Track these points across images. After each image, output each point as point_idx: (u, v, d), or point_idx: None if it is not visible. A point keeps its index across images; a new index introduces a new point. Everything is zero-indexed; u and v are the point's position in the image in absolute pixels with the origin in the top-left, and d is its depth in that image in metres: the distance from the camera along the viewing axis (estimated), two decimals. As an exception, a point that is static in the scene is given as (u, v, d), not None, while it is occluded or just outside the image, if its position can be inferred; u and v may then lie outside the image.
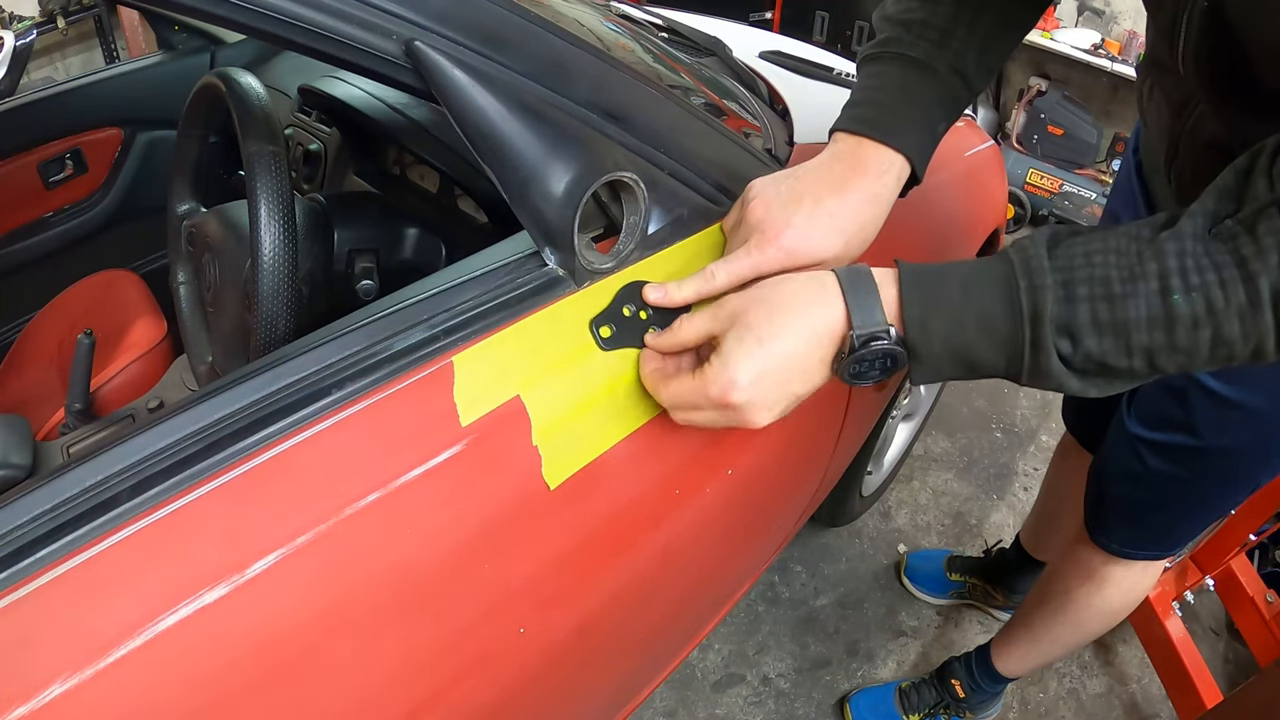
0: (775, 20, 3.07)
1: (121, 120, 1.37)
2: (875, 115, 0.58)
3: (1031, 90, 2.77)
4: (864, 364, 0.47)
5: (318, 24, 0.44)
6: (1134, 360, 0.43)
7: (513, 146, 0.51)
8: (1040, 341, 0.44)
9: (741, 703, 1.28)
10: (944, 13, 0.59)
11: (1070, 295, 0.43)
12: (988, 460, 1.78)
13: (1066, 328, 0.43)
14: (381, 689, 0.47)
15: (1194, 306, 0.41)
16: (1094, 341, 0.43)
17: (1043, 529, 1.28)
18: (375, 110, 0.95)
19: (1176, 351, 0.42)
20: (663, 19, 1.23)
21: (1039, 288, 0.44)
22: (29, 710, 0.35)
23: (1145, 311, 0.42)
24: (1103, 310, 0.43)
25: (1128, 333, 0.42)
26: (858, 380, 0.49)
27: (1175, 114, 0.62)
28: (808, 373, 0.49)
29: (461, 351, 0.50)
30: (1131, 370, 0.44)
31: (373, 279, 0.83)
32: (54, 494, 0.40)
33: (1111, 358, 0.43)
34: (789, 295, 0.49)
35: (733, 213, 0.61)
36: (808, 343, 0.48)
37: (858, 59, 0.64)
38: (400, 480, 0.47)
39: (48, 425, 0.95)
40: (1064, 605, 0.99)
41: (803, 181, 0.56)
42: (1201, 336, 0.42)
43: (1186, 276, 0.41)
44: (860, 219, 0.56)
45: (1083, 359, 0.44)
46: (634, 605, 0.66)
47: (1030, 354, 0.44)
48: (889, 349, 0.46)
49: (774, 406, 0.49)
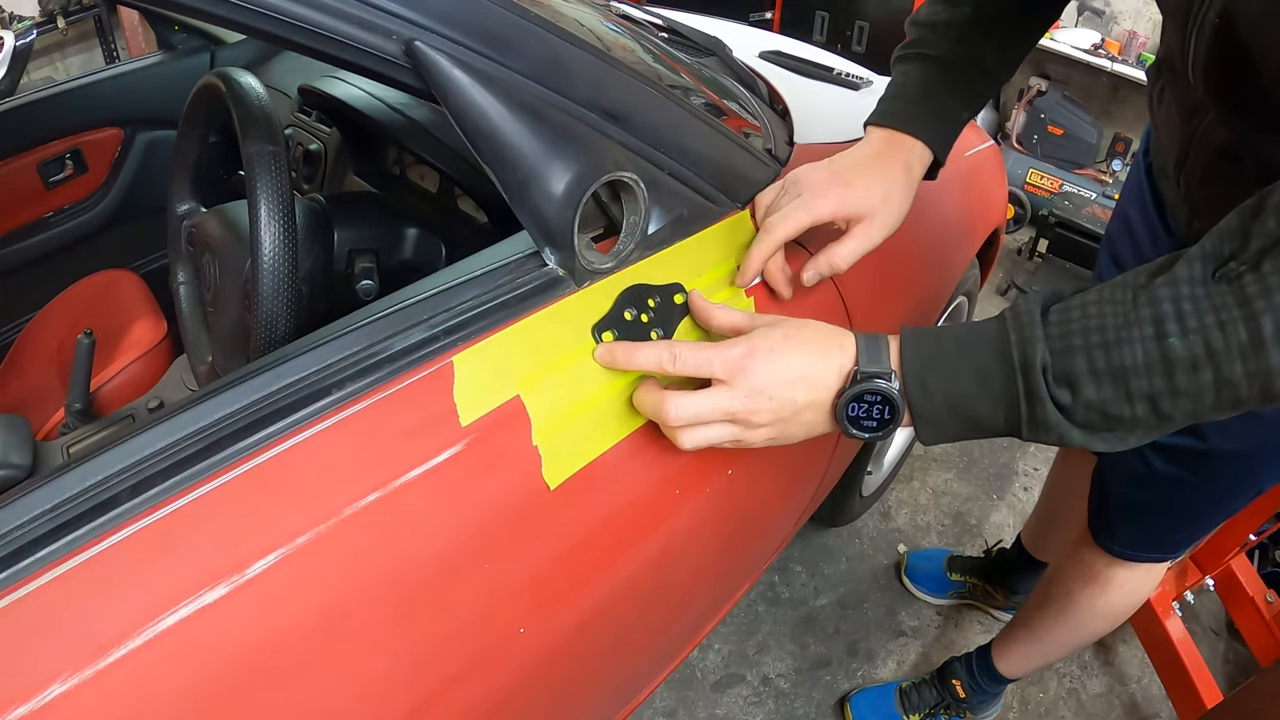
0: (775, 20, 3.07)
1: (121, 120, 1.37)
2: (901, 109, 0.67)
3: (1031, 90, 2.77)
4: (862, 405, 0.49)
5: (318, 24, 0.44)
6: (1136, 408, 0.43)
7: (513, 146, 0.51)
8: (1034, 392, 0.44)
9: (741, 703, 1.28)
10: (965, 14, 0.67)
11: (1066, 346, 0.44)
12: (988, 460, 1.78)
13: (1065, 377, 0.44)
14: (382, 689, 0.47)
15: (1192, 349, 0.41)
16: (1093, 390, 0.43)
17: (1044, 529, 1.28)
18: (375, 110, 0.95)
19: (1180, 396, 0.42)
20: (663, 19, 1.23)
21: (1029, 340, 0.45)
22: (29, 710, 0.35)
23: (1142, 357, 0.42)
24: (1099, 358, 0.43)
25: (1126, 379, 0.43)
26: (856, 427, 0.49)
27: (1186, 118, 0.62)
28: (813, 381, 0.50)
29: (461, 351, 0.50)
30: (1136, 419, 0.44)
31: (373, 279, 0.83)
32: (54, 494, 0.40)
33: (1112, 406, 0.44)
34: (810, 331, 0.52)
35: (768, 193, 0.67)
36: (820, 358, 0.50)
37: (892, 60, 0.72)
38: (400, 480, 0.47)
39: (48, 425, 0.95)
40: (1066, 607, 0.99)
41: (842, 159, 0.65)
42: (1203, 379, 0.41)
43: (1184, 320, 0.41)
44: (896, 184, 0.64)
45: (1083, 409, 0.44)
46: (634, 605, 0.66)
47: (1026, 406, 0.45)
48: (887, 391, 0.48)
49: (774, 400, 0.50)
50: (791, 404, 0.50)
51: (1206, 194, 0.63)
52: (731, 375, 0.50)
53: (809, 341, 0.51)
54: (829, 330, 0.52)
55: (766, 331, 0.52)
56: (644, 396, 0.54)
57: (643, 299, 0.58)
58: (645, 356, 0.53)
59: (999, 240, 1.36)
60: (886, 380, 0.48)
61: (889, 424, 0.49)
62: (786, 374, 0.50)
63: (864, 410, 0.49)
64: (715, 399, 0.50)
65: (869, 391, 0.48)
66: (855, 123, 1.03)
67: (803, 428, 0.52)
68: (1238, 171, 0.58)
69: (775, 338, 0.51)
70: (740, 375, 0.50)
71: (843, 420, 0.50)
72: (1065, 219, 2.42)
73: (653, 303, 0.59)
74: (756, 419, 0.50)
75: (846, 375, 0.50)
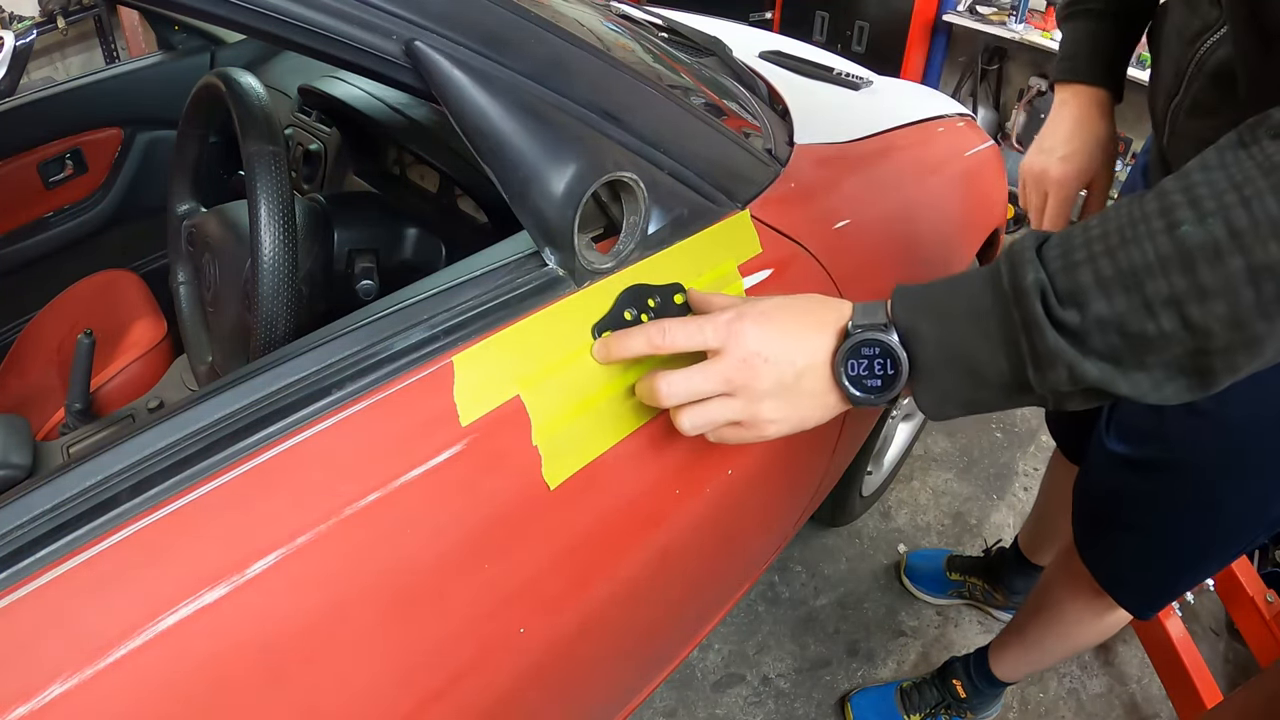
0: (775, 20, 3.07)
1: (121, 120, 1.37)
2: (1073, 65, 0.79)
3: (1031, 90, 2.77)
4: (862, 361, 0.46)
5: (318, 24, 0.44)
6: (1161, 319, 0.36)
7: (513, 146, 0.51)
8: (1031, 318, 0.39)
9: (741, 703, 1.28)
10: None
11: (1070, 263, 0.39)
12: (988, 460, 1.78)
13: (1071, 294, 0.38)
14: (382, 689, 0.47)
15: (1212, 233, 0.35)
16: (1103, 303, 0.37)
17: (1039, 533, 1.28)
18: (375, 110, 0.95)
19: (1208, 296, 0.35)
20: (663, 19, 1.23)
21: (1018, 264, 0.40)
22: (29, 710, 0.35)
23: (1154, 252, 0.36)
24: (1105, 265, 0.37)
25: (1140, 282, 0.36)
26: (859, 388, 0.47)
27: (1189, 43, 0.61)
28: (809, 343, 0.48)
29: (461, 351, 0.50)
30: (1165, 336, 0.37)
31: (373, 279, 0.83)
32: (54, 494, 0.40)
33: (1132, 320, 0.37)
34: (802, 297, 0.51)
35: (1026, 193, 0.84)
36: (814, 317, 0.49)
37: (1058, 18, 0.83)
38: (400, 480, 0.47)
39: (48, 425, 0.95)
40: (1057, 617, 0.98)
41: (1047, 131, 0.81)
42: (1232, 268, 0.34)
43: (1198, 205, 0.36)
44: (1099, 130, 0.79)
45: (1098, 329, 0.38)
46: (634, 605, 0.66)
47: (1026, 338, 0.40)
48: (885, 340, 0.45)
49: (771, 364, 0.47)
50: (791, 366, 0.47)
51: (1192, 130, 0.64)
52: (723, 340, 0.48)
53: (802, 304, 0.50)
54: (822, 296, 0.51)
55: (757, 300, 0.51)
56: (641, 384, 0.53)
57: (643, 299, 0.58)
58: (636, 340, 0.52)
59: (999, 240, 1.36)
60: (882, 332, 0.45)
61: (893, 380, 0.45)
62: (781, 335, 0.48)
63: (864, 368, 0.46)
64: (708, 368, 0.48)
65: (865, 343, 0.45)
66: (855, 123, 1.03)
67: (809, 399, 0.48)
68: (1228, 99, 0.57)
69: (766, 303, 0.50)
70: (732, 339, 0.48)
71: (843, 381, 0.47)
72: (1065, 219, 2.42)
73: (653, 303, 0.59)
74: (758, 385, 0.47)
75: (841, 331, 0.47)
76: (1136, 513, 0.79)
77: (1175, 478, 0.73)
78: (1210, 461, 0.70)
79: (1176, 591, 0.86)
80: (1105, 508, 0.83)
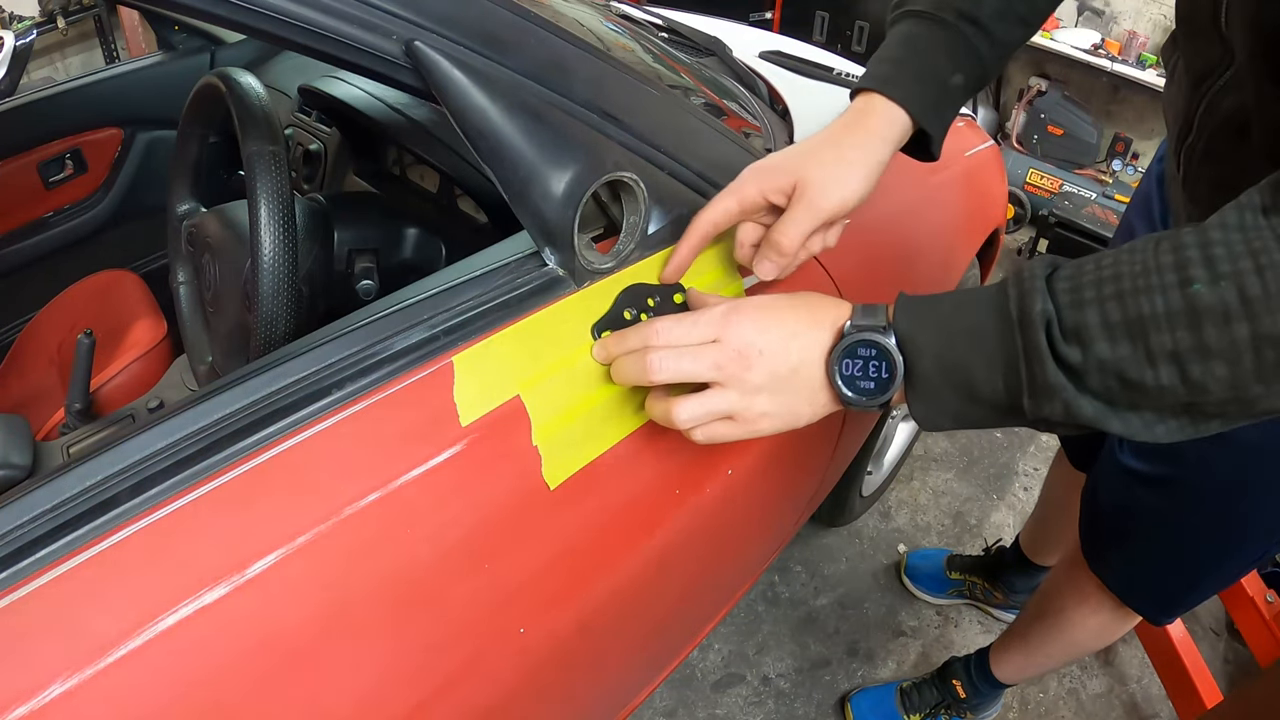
0: (775, 20, 3.07)
1: (121, 120, 1.37)
2: (877, 70, 0.58)
3: (1031, 90, 2.77)
4: (857, 361, 0.46)
5: (318, 24, 0.44)
6: (1160, 372, 0.37)
7: (513, 146, 0.51)
8: (1034, 349, 0.39)
9: (741, 703, 1.28)
10: None
11: (1078, 300, 0.39)
12: (988, 460, 1.78)
13: (1075, 332, 0.39)
14: (382, 689, 0.47)
15: (1223, 297, 0.35)
16: (1106, 346, 0.38)
17: (1040, 534, 1.28)
18: (375, 110, 0.95)
19: (1210, 357, 0.36)
20: (663, 19, 1.23)
21: (1028, 293, 0.40)
22: (29, 710, 0.35)
23: (1163, 306, 0.36)
24: (1113, 310, 0.38)
25: (1145, 333, 0.37)
26: (851, 389, 0.46)
27: (1195, 84, 0.58)
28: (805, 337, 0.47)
29: (461, 351, 0.50)
30: (1162, 388, 0.37)
31: (373, 279, 0.83)
32: (54, 494, 0.40)
33: (1131, 368, 0.37)
34: (802, 294, 0.51)
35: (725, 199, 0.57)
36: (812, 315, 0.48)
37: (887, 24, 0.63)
38: (400, 480, 0.47)
39: (48, 425, 0.95)
40: (1059, 623, 0.98)
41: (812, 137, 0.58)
42: (1237, 335, 0.35)
43: (1214, 265, 0.36)
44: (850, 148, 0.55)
45: (1098, 371, 0.38)
46: (634, 605, 0.66)
47: (1026, 366, 0.40)
48: (882, 342, 0.45)
49: (766, 356, 0.47)
50: (785, 360, 0.47)
51: (1206, 174, 0.59)
52: (719, 332, 0.48)
53: (801, 301, 0.50)
54: (821, 294, 0.51)
55: (756, 296, 0.51)
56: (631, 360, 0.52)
57: (643, 299, 0.58)
58: (631, 338, 0.52)
59: (999, 240, 1.36)
60: (881, 333, 0.45)
61: (886, 385, 0.45)
62: (777, 328, 0.48)
63: (859, 369, 0.46)
64: (700, 350, 0.48)
65: (862, 344, 0.45)
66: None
67: (801, 396, 0.48)
68: (1241, 147, 0.54)
69: (765, 298, 0.50)
70: (727, 330, 0.48)
71: (836, 380, 0.46)
72: (1065, 219, 2.42)
73: (653, 302, 0.59)
74: (751, 377, 0.47)
75: (839, 330, 0.47)
76: (1151, 527, 0.78)
77: (1190, 495, 0.73)
78: (1226, 481, 0.69)
79: (1194, 600, 0.85)
80: (1118, 521, 0.82)
